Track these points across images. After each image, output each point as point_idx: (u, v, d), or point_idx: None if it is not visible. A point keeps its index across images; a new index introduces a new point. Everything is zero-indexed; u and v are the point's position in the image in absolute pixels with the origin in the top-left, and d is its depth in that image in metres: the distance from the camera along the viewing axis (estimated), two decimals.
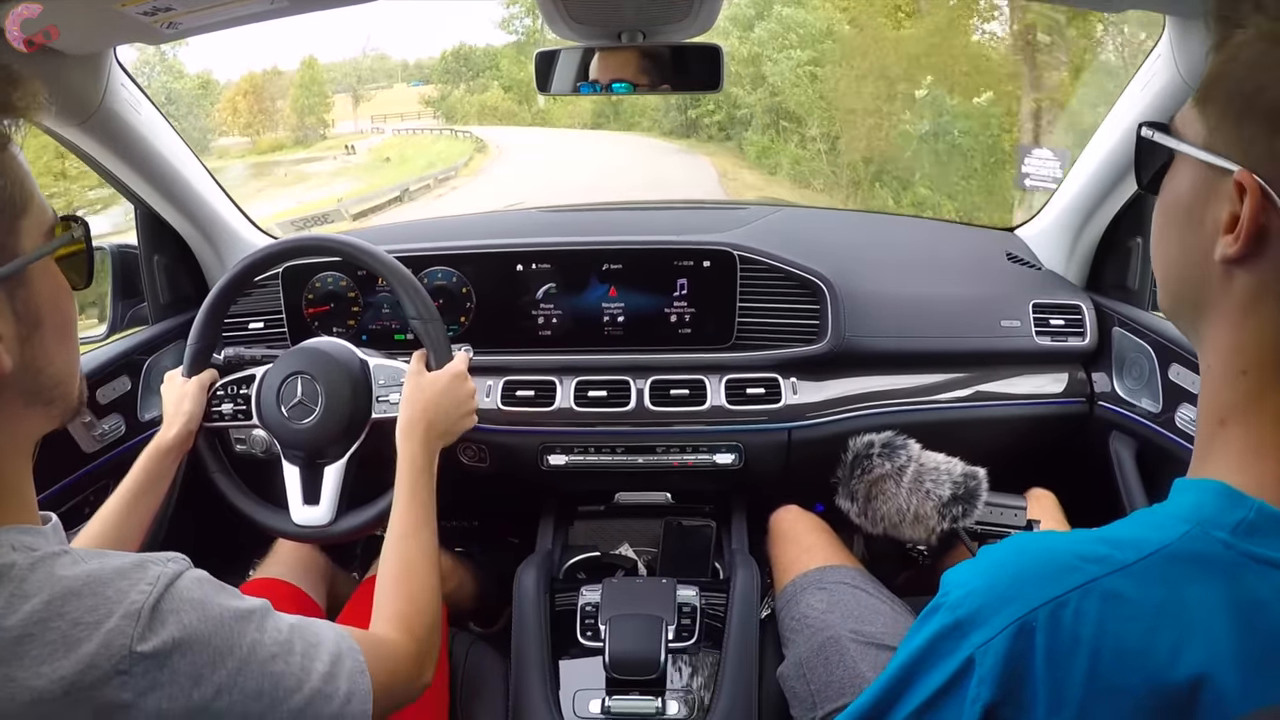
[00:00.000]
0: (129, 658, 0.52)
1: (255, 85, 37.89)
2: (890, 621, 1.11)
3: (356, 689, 0.66)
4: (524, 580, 1.29)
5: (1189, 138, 0.55)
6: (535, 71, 1.25)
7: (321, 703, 0.62)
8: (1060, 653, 0.48)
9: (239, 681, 0.57)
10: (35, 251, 0.57)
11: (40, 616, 0.51)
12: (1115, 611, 0.48)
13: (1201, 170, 0.54)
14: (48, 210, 0.60)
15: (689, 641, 1.21)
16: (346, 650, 0.68)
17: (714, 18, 1.20)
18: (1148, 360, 1.33)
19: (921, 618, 0.56)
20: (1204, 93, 0.55)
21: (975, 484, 1.15)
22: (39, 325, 0.58)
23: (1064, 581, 0.49)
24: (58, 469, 1.26)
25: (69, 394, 0.62)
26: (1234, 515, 0.49)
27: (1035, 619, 0.48)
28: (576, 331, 1.44)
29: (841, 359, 1.39)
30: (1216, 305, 0.54)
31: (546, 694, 1.13)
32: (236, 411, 1.21)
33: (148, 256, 1.48)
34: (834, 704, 1.01)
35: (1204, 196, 0.53)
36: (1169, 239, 0.58)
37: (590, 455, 1.40)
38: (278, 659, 0.61)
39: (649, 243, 1.43)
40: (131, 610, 0.53)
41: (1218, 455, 0.54)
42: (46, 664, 0.50)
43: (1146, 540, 0.49)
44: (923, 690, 0.53)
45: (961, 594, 0.53)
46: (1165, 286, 0.60)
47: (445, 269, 1.43)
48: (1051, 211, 1.54)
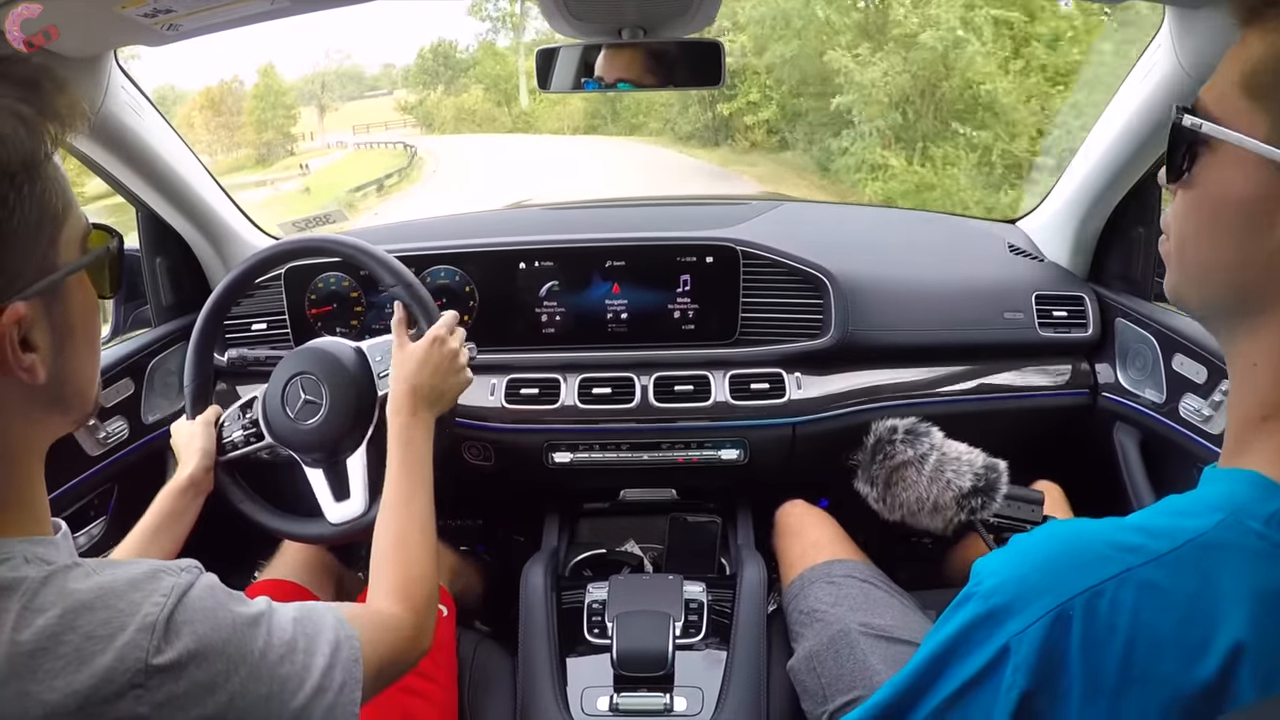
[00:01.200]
0: (145, 671, 0.52)
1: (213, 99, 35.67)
2: (899, 615, 1.11)
3: (350, 677, 0.66)
4: (530, 578, 1.29)
5: (1243, 130, 0.51)
6: (536, 69, 1.24)
7: (320, 696, 0.63)
8: (1096, 642, 0.48)
9: (250, 687, 0.57)
10: (74, 263, 0.57)
11: (53, 630, 0.51)
12: (1150, 601, 0.48)
13: (1266, 169, 0.50)
14: (83, 219, 0.60)
15: (696, 637, 1.21)
16: (344, 639, 0.68)
17: (714, 13, 1.20)
18: (1151, 351, 1.33)
19: (953, 606, 0.56)
20: (1259, 85, 0.51)
21: (996, 476, 1.14)
22: (71, 336, 0.58)
23: (1100, 571, 0.49)
24: (62, 472, 1.26)
25: (88, 401, 0.63)
26: (1269, 506, 0.49)
27: (1072, 608, 0.49)
28: (580, 329, 1.44)
29: (845, 353, 1.39)
30: (1275, 308, 0.52)
31: (555, 691, 1.13)
32: (248, 436, 1.20)
33: (150, 259, 1.48)
34: (845, 697, 1.02)
35: (1272, 198, 0.50)
36: (1222, 239, 0.54)
37: (595, 452, 1.40)
38: (284, 660, 0.61)
39: (651, 239, 1.43)
40: (146, 624, 0.53)
41: (1255, 448, 0.53)
42: (60, 678, 0.50)
43: (1180, 529, 0.49)
44: (956, 678, 0.53)
45: (995, 582, 0.53)
46: (1208, 284, 0.57)
47: (448, 268, 1.43)
48: (1054, 202, 1.54)
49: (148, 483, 1.43)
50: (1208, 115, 0.54)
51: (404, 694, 1.05)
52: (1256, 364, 0.54)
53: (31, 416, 0.57)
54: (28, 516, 0.57)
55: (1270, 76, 0.50)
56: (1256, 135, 0.51)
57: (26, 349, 0.54)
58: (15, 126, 0.52)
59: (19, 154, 0.52)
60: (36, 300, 0.55)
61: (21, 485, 0.58)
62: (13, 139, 0.51)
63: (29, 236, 0.54)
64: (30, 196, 0.53)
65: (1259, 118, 0.51)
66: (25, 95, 0.53)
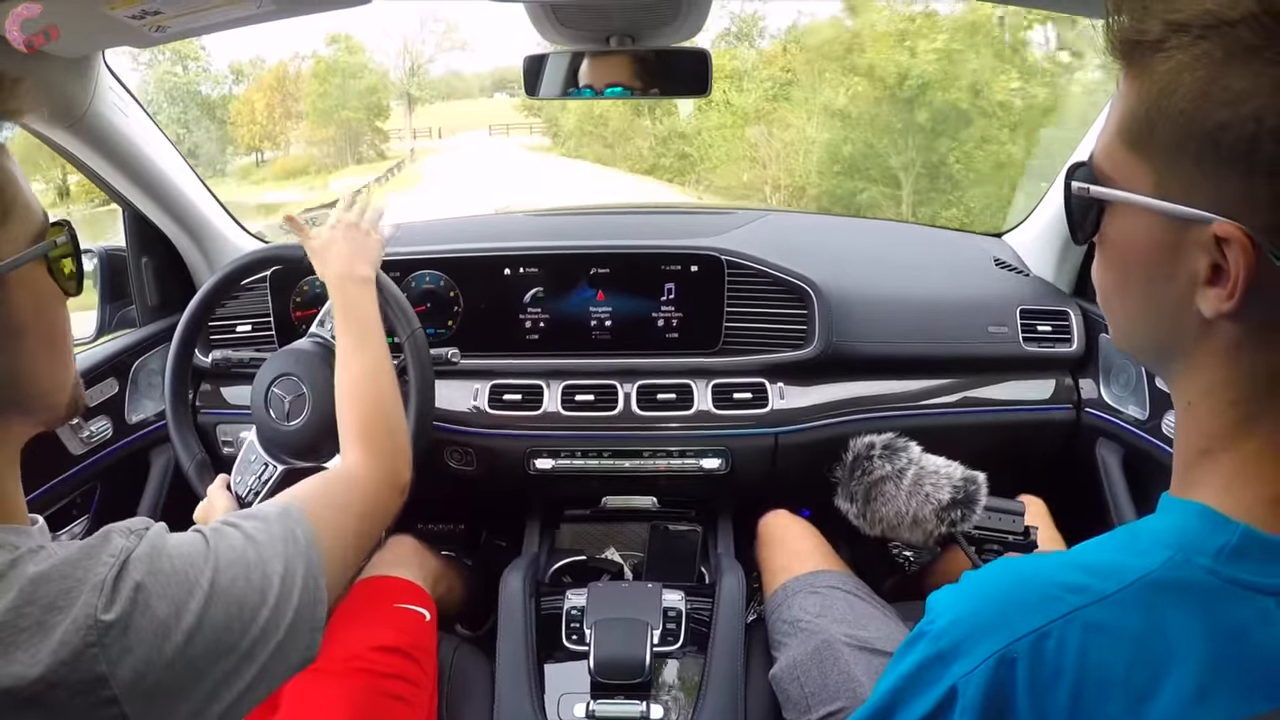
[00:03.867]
0: (96, 628, 0.52)
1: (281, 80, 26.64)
2: (882, 626, 1.11)
3: (311, 566, 0.66)
4: (510, 583, 1.29)
5: (1132, 185, 0.50)
6: (524, 76, 1.25)
7: (285, 600, 0.62)
8: (1043, 683, 0.48)
9: (206, 619, 0.57)
10: (8, 260, 0.56)
11: (14, 605, 0.51)
12: (1097, 642, 0.47)
13: (1159, 221, 0.49)
14: (35, 215, 0.58)
15: (674, 645, 1.21)
16: (297, 530, 0.67)
17: (702, 22, 1.21)
18: (1134, 367, 1.33)
19: (905, 644, 0.56)
20: (1138, 135, 0.49)
21: (975, 489, 1.14)
22: (20, 335, 0.57)
23: (1046, 611, 0.49)
24: (44, 471, 1.26)
25: (56, 404, 0.62)
26: (1217, 540, 0.48)
27: (1017, 650, 0.48)
28: (564, 335, 1.44)
29: (829, 364, 1.39)
30: (1196, 351, 0.51)
31: (532, 697, 1.13)
32: (264, 479, 1.20)
33: (135, 259, 1.48)
34: (827, 707, 1.02)
35: (1170, 248, 0.49)
36: (1130, 291, 0.54)
37: (577, 459, 1.40)
38: (236, 581, 0.60)
39: (636, 247, 1.43)
40: (96, 583, 0.53)
41: (1201, 480, 0.53)
42: (24, 650, 0.50)
43: (1127, 567, 0.49)
44: (909, 717, 0.54)
45: (945, 623, 0.53)
46: (1128, 336, 0.57)
47: (433, 273, 1.44)
48: (1040, 218, 1.54)
49: (130, 482, 1.43)
50: (1099, 172, 0.53)
51: (385, 698, 1.05)
52: (1191, 402, 0.54)
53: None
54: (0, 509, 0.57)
55: (1144, 125, 0.48)
56: (1142, 188, 0.49)
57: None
58: None
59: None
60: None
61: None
62: None
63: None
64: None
65: (1142, 168, 0.49)
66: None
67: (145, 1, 0.97)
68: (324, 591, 0.66)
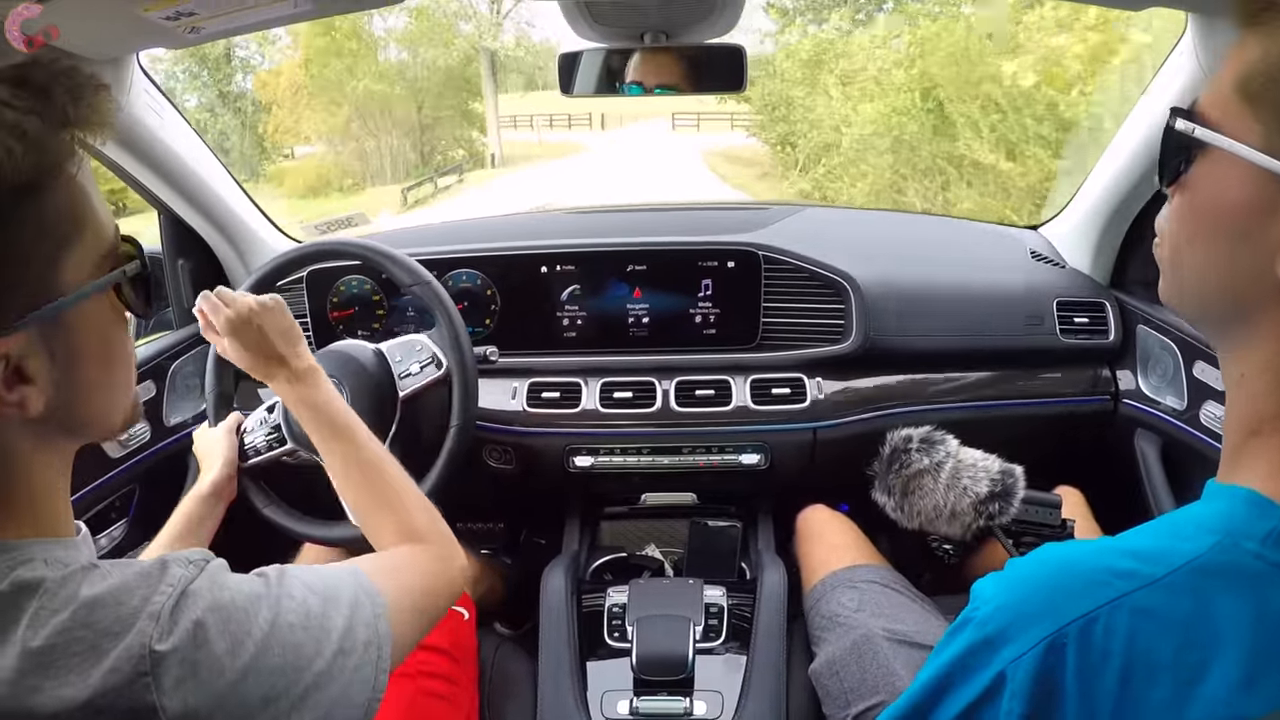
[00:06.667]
0: (150, 657, 0.51)
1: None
2: (921, 620, 1.11)
3: (375, 635, 0.65)
4: (551, 581, 1.29)
5: (1238, 135, 0.49)
6: (558, 73, 1.24)
7: (342, 658, 0.61)
8: (1091, 668, 0.48)
9: (261, 662, 0.56)
10: (75, 292, 0.53)
11: (66, 627, 0.51)
12: (1145, 627, 0.48)
13: (1259, 177, 0.48)
14: (106, 234, 0.56)
15: (716, 641, 1.21)
16: (365, 596, 0.66)
17: (737, 18, 1.20)
18: (1172, 358, 1.33)
19: (950, 631, 0.56)
20: (1257, 90, 0.48)
21: (1013, 482, 1.14)
22: (79, 363, 0.55)
23: (1094, 597, 0.49)
24: (84, 474, 1.26)
25: (111, 425, 0.60)
26: (1265, 525, 0.48)
27: (1066, 635, 0.49)
28: (601, 333, 1.44)
29: (866, 358, 1.39)
30: (1264, 321, 0.51)
31: (575, 694, 1.13)
32: (270, 442, 1.20)
33: (172, 261, 1.48)
34: (867, 702, 1.02)
35: (1263, 207, 0.48)
36: (1212, 248, 0.52)
37: (616, 456, 1.40)
38: (295, 629, 0.59)
39: (673, 243, 1.43)
40: (153, 613, 0.53)
41: (1248, 463, 0.52)
42: (75, 673, 0.50)
43: (1175, 552, 0.49)
44: (956, 703, 0.54)
45: (991, 609, 0.53)
46: (1199, 295, 0.55)
47: (470, 271, 1.44)
48: (1076, 208, 1.53)
49: (169, 485, 1.44)
50: (1205, 119, 0.51)
51: (426, 696, 1.05)
52: (1244, 374, 0.53)
53: (43, 439, 0.55)
54: (48, 520, 0.57)
55: (1265, 81, 0.48)
56: (1251, 141, 0.48)
57: (22, 380, 0.51)
58: (12, 147, 0.47)
59: (11, 179, 0.47)
60: (32, 330, 0.51)
61: (42, 492, 0.56)
62: (5, 163, 0.47)
63: (18, 267, 0.50)
64: (21, 223, 0.49)
65: (1254, 124, 0.49)
66: (35, 105, 0.49)
67: (180, 3, 0.96)
68: (386, 661, 0.65)
